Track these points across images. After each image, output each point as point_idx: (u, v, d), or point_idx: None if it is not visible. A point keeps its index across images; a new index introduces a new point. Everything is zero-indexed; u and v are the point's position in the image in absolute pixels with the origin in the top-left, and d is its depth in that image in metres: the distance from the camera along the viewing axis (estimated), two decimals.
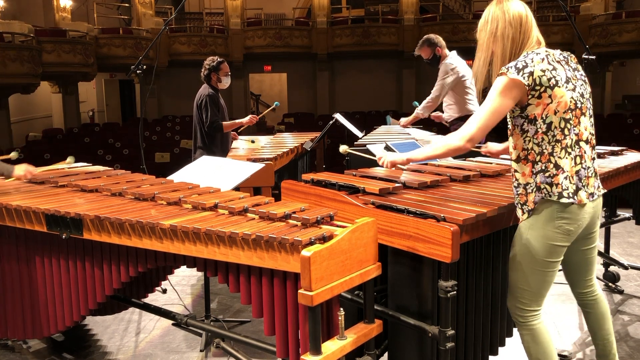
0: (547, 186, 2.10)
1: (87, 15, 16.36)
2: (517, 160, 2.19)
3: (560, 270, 2.31)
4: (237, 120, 5.06)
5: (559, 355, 2.94)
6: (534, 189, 2.12)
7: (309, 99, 17.65)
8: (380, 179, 2.67)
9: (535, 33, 2.22)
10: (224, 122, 4.88)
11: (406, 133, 5.23)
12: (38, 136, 13.87)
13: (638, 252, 4.97)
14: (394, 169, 2.68)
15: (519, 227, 2.20)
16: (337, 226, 2.09)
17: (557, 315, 3.57)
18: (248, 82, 17.71)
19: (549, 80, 2.08)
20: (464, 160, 3.25)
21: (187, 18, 19.00)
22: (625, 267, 4.14)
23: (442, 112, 5.18)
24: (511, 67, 2.11)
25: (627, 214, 4.10)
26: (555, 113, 2.08)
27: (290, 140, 5.98)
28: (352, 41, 16.56)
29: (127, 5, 17.48)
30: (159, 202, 2.60)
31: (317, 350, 1.88)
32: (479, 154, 3.16)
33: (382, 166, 2.52)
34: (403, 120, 5.36)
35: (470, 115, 5.00)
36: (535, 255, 2.14)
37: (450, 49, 5.07)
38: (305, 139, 5.77)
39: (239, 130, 5.46)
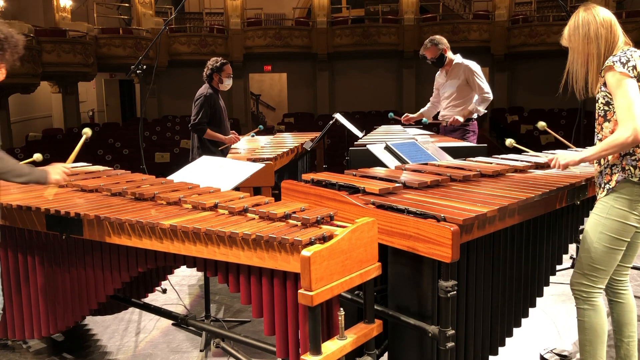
0: (631, 168, 2.30)
1: (87, 15, 16.36)
2: None
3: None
4: (220, 136, 4.88)
5: (559, 355, 2.94)
6: (619, 170, 2.32)
7: (309, 99, 17.65)
8: (381, 179, 2.67)
9: (623, 36, 2.38)
10: (208, 130, 4.81)
11: (406, 133, 5.23)
12: (38, 136, 13.88)
13: (638, 252, 4.96)
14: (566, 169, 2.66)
15: (595, 206, 2.40)
16: (337, 226, 2.09)
17: (557, 315, 3.57)
18: (248, 82, 17.72)
19: None
20: (464, 160, 3.25)
21: (187, 18, 18.99)
22: None
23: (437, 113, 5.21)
24: (616, 61, 2.27)
25: None
26: None
27: (290, 140, 5.98)
28: (352, 41, 16.57)
29: (127, 5, 17.48)
30: (159, 202, 2.60)
31: (317, 350, 1.88)
32: (477, 155, 3.16)
33: (552, 167, 2.57)
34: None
35: (470, 118, 5.07)
36: (608, 233, 2.34)
37: (450, 49, 5.11)
38: (305, 139, 5.77)
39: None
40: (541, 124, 2.97)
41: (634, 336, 2.52)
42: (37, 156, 3.14)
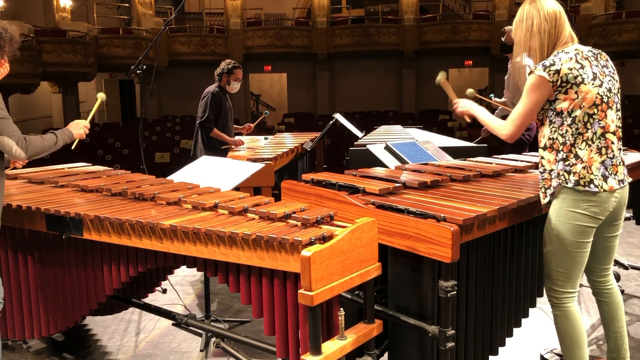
0: (565, 174, 2.28)
1: (87, 15, 16.36)
2: (544, 148, 2.37)
3: None
4: (226, 137, 4.98)
5: (559, 355, 2.94)
6: (555, 175, 2.31)
7: (309, 99, 17.65)
8: (381, 179, 2.67)
9: (569, 29, 2.36)
10: (215, 129, 4.87)
11: (406, 133, 5.23)
12: None
13: (638, 252, 4.96)
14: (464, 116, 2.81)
15: (549, 211, 2.35)
16: (337, 226, 2.09)
17: None
18: (248, 82, 17.71)
19: (575, 77, 2.24)
20: (464, 160, 3.25)
21: (187, 18, 19.00)
22: (626, 267, 4.14)
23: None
24: (539, 65, 2.28)
25: (627, 214, 4.09)
26: (580, 108, 2.25)
27: (290, 140, 5.98)
28: (352, 41, 16.57)
29: (127, 5, 17.47)
30: (159, 202, 2.60)
31: (317, 351, 1.88)
32: (479, 155, 3.16)
33: (454, 109, 2.73)
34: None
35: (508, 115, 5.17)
36: (564, 237, 2.29)
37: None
38: (305, 139, 5.77)
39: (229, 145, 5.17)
40: (470, 91, 3.11)
41: (621, 330, 2.55)
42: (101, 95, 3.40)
